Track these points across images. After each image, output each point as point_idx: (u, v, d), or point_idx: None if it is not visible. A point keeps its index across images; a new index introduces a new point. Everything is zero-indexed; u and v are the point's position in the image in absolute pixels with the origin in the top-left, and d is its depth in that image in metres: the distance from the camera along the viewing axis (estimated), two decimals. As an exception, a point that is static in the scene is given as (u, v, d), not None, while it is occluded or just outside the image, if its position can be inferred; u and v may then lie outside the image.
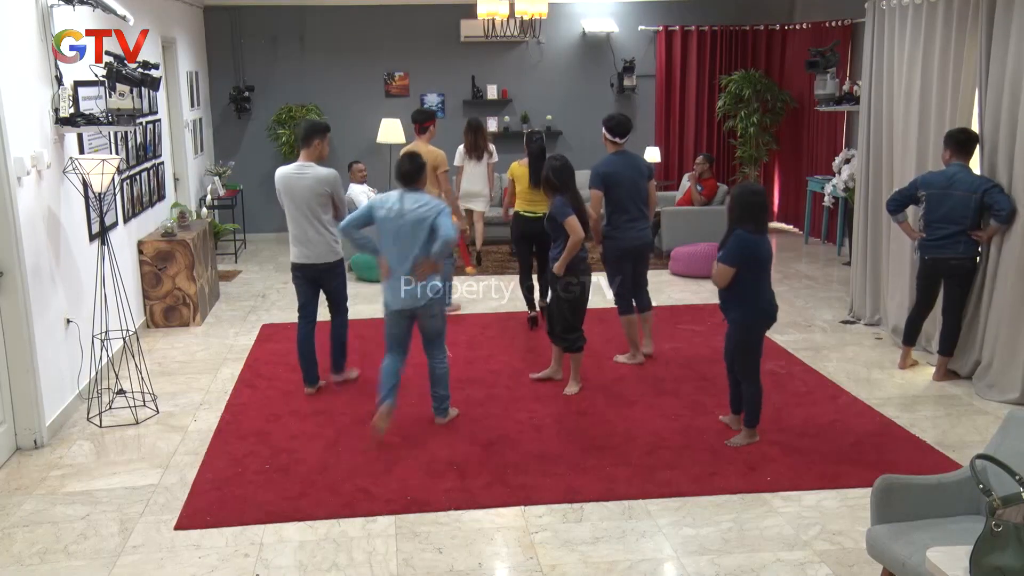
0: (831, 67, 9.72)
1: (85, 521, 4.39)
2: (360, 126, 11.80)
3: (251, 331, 7.63)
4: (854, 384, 6.21)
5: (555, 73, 12.08)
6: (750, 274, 4.99)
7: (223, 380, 6.42)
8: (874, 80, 7.36)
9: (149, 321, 7.70)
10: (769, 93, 11.51)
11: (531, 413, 5.70)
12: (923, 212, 6.25)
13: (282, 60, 11.59)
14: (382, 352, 5.42)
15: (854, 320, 7.76)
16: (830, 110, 10.12)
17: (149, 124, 8.11)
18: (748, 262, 4.96)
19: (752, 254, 4.95)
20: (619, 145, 6.48)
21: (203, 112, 11.05)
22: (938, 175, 6.16)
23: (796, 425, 5.47)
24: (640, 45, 12.11)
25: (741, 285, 5.00)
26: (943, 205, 6.08)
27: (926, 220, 6.22)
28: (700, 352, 6.94)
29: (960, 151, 6.12)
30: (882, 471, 4.03)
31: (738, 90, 11.50)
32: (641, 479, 4.77)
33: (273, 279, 9.63)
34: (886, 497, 3.44)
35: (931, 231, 6.20)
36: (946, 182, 6.08)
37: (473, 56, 11.88)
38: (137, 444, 5.32)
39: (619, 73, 11.98)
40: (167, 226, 7.80)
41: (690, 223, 9.92)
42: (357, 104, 11.78)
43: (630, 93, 12.05)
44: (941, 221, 6.12)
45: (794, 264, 10.12)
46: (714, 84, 12.04)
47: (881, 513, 3.45)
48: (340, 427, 5.50)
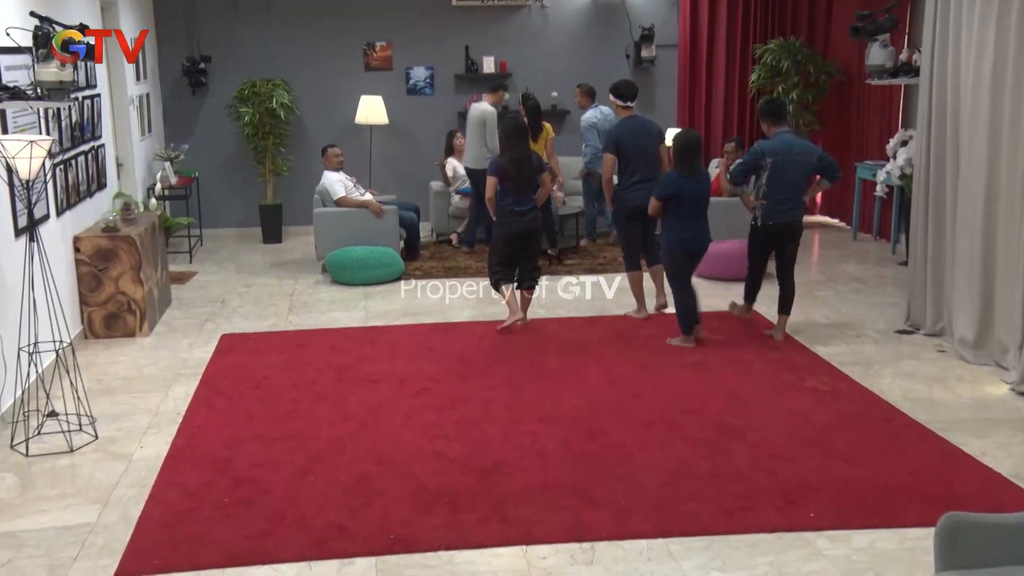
0: (883, 32, 9.69)
1: (7, 568, 4.35)
2: (336, 104, 11.80)
3: (208, 342, 7.61)
4: (912, 404, 6.17)
5: (562, 43, 12.08)
6: (673, 209, 7.12)
7: (175, 399, 6.39)
8: (938, 47, 7.32)
9: (87, 331, 7.67)
10: (811, 64, 11.51)
11: (533, 436, 5.68)
12: (765, 179, 7.23)
13: (244, 26, 11.59)
14: (358, 368, 5.38)
15: (912, 329, 7.74)
16: (884, 83, 10.11)
17: (87, 100, 8.09)
18: (671, 198, 7.08)
19: (675, 191, 7.06)
20: (629, 109, 7.97)
21: (151, 86, 11.05)
22: (777, 142, 7.25)
23: (843, 451, 5.44)
24: (660, 10, 12.11)
25: (667, 218, 7.22)
26: (786, 171, 7.19)
27: (769, 186, 7.22)
28: (728, 365, 6.92)
29: (779, 119, 7.39)
30: (947, 508, 3.99)
31: (775, 61, 11.50)
32: (661, 513, 4.75)
33: (234, 281, 9.61)
34: (952, 538, 3.39)
35: (774, 196, 7.23)
36: (786, 148, 7.22)
37: (467, 23, 11.87)
38: (71, 475, 5.28)
39: (636, 43, 11.98)
40: (109, 220, 7.77)
41: (718, 216, 9.75)
42: (332, 79, 11.79)
43: (648, 66, 12.05)
44: (785, 186, 7.21)
45: (840, 264, 10.10)
46: (747, 55, 12.04)
47: (947, 557, 3.40)
48: (312, 453, 5.47)
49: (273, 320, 8.23)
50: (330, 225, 9.64)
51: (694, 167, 7.11)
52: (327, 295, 9.04)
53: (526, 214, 7.60)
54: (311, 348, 7.38)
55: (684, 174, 7.08)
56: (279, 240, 11.55)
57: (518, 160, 7.48)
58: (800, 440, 5.57)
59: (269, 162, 11.47)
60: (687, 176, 7.08)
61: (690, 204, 7.12)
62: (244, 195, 11.86)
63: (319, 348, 7.37)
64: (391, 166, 12.00)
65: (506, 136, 7.61)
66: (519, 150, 7.51)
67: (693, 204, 7.14)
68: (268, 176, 11.53)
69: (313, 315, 8.37)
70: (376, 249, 9.41)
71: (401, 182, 11.81)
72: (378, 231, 9.63)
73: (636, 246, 7.96)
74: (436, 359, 7.10)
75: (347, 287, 9.25)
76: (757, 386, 6.48)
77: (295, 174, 11.68)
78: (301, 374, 6.76)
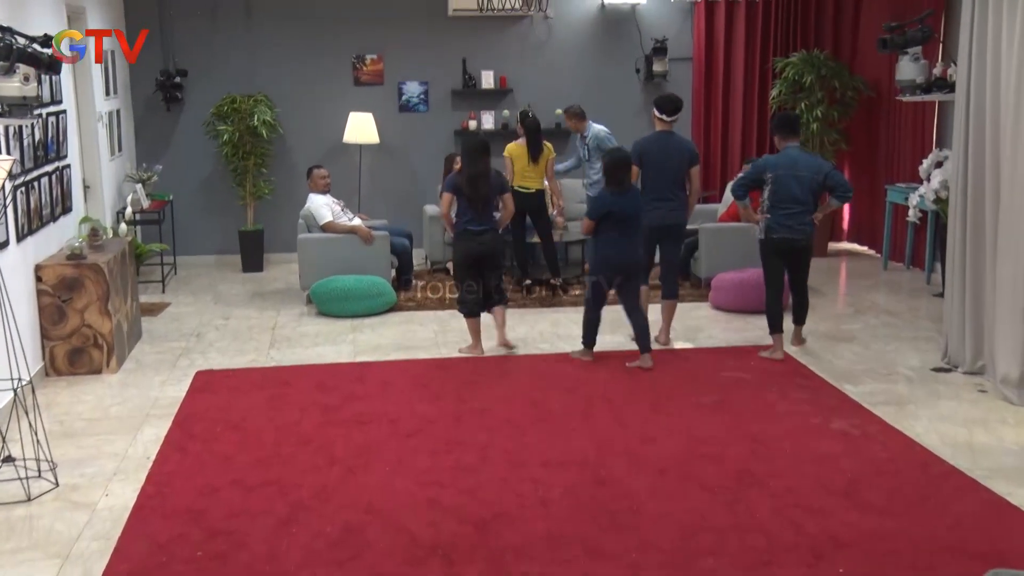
0: (914, 45, 9.71)
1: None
2: (322, 122, 11.84)
3: (182, 379, 7.58)
4: (951, 450, 6.13)
5: (566, 56, 12.13)
6: (603, 227, 7.64)
7: (144, 443, 6.35)
8: (975, 60, 7.33)
9: (49, 367, 7.64)
10: (837, 79, 11.56)
11: (536, 483, 5.65)
12: (768, 193, 7.75)
13: (223, 37, 11.64)
14: (345, 409, 5.34)
15: (949, 367, 7.71)
16: (916, 100, 10.13)
17: (51, 117, 8.10)
18: (604, 216, 7.59)
19: (606, 209, 7.59)
20: (665, 123, 8.24)
21: (122, 102, 11.08)
22: (782, 157, 7.79)
23: (876, 502, 5.40)
24: (674, 20, 12.18)
25: (597, 235, 7.77)
26: (789, 186, 7.65)
27: (772, 201, 7.73)
28: (748, 406, 6.89)
29: (791, 133, 7.86)
30: (991, 564, 3.96)
31: (797, 76, 11.55)
32: (676, 569, 4.71)
33: (211, 313, 9.60)
34: (998, 597, 3.35)
35: (777, 211, 7.71)
36: (791, 163, 7.70)
37: (464, 35, 11.94)
38: (28, 527, 5.23)
39: (647, 56, 12.05)
40: (74, 246, 7.76)
41: (736, 243, 9.89)
42: (318, 94, 11.83)
43: (660, 80, 12.10)
44: (788, 201, 7.66)
45: (870, 295, 10.08)
46: (767, 69, 12.10)
47: (992, 617, 3.36)
48: (295, 501, 5.44)
49: (253, 356, 8.20)
50: (316, 252, 9.63)
51: (624, 185, 7.65)
52: (312, 328, 9.02)
53: (482, 234, 7.98)
54: (294, 386, 7.35)
55: (615, 192, 7.64)
56: (260, 269, 11.54)
57: (474, 177, 7.88)
58: (828, 489, 5.52)
59: (250, 184, 11.48)
60: (619, 194, 7.63)
61: (620, 222, 7.61)
62: (222, 220, 11.86)
63: (303, 386, 7.34)
64: (382, 189, 12.01)
65: (466, 153, 8.00)
66: (477, 168, 7.90)
67: (623, 222, 7.61)
68: (249, 199, 11.54)
69: (297, 350, 8.35)
70: (365, 278, 9.40)
71: (393, 206, 11.82)
72: (368, 259, 9.62)
73: (647, 262, 8.32)
74: (430, 398, 7.07)
75: (334, 319, 9.23)
76: (780, 429, 6.44)
77: (278, 197, 11.69)
78: (283, 415, 6.73)
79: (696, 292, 9.85)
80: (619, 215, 7.58)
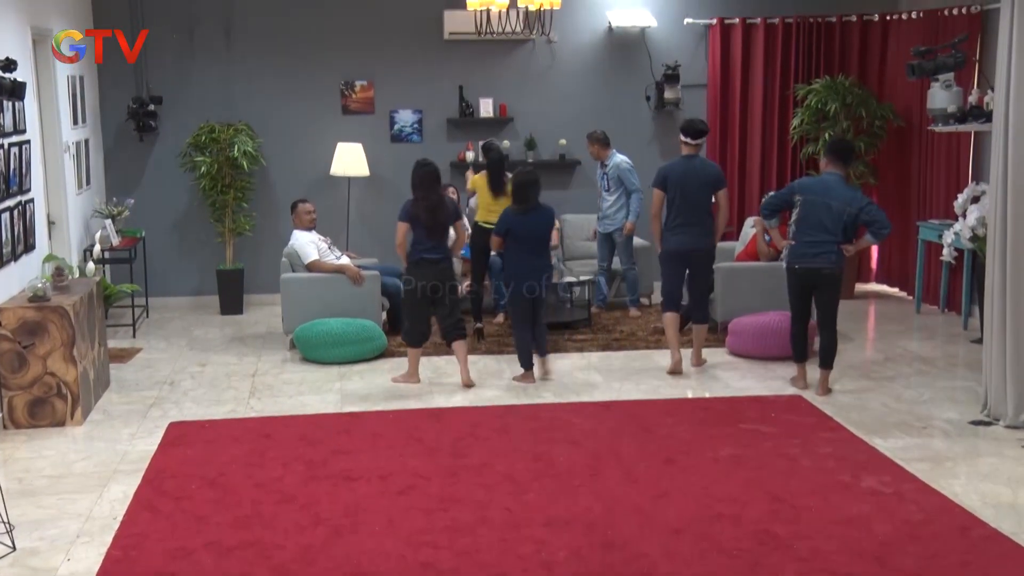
0: (945, 71, 9.77)
1: None
2: (308, 153, 11.88)
3: (153, 432, 7.57)
4: (993, 511, 6.11)
5: (571, 83, 12.20)
6: (510, 245, 8.55)
7: (111, 501, 6.34)
8: (1014, 87, 7.35)
9: (7, 419, 7.63)
10: (864, 108, 11.59)
11: (538, 544, 5.63)
12: (795, 217, 8.06)
13: (201, 62, 11.71)
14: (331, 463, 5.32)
15: (990, 420, 7.68)
16: (950, 130, 10.16)
17: (13, 147, 8.13)
18: (509, 235, 8.50)
19: (509, 227, 8.50)
20: (691, 147, 8.75)
21: (91, 131, 11.13)
22: (815, 181, 8.16)
23: (911, 568, 5.38)
24: (686, 44, 12.25)
25: (505, 253, 8.69)
26: (818, 213, 7.93)
27: (798, 226, 8.03)
28: (770, 460, 6.88)
29: (839, 161, 8.11)
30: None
31: (820, 104, 11.59)
32: (695, 642, 4.67)
33: (185, 359, 9.60)
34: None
35: (802, 238, 8.02)
36: (823, 190, 7.97)
37: (461, 60, 12.01)
38: (-14, 591, 5.21)
39: (658, 82, 12.11)
40: (37, 287, 7.78)
41: (754, 285, 9.89)
42: (304, 123, 11.88)
43: (672, 109, 12.14)
44: (814, 229, 7.95)
45: (902, 341, 10.08)
46: (787, 96, 12.14)
47: None
48: (276, 565, 5.42)
49: (232, 406, 8.19)
50: (300, 293, 9.65)
51: (529, 204, 8.52)
52: (296, 376, 9.02)
53: (439, 262, 8.50)
54: (276, 439, 7.34)
55: (519, 211, 8.52)
56: (240, 311, 11.55)
57: (432, 206, 8.45)
58: (858, 554, 5.49)
59: (229, 220, 11.51)
60: (522, 213, 8.51)
61: (522, 240, 8.52)
62: (199, 258, 11.90)
63: (286, 439, 7.33)
64: (372, 225, 12.03)
65: (420, 181, 8.52)
66: (432, 196, 8.48)
67: (528, 241, 8.54)
68: (228, 236, 11.57)
69: (279, 399, 8.35)
70: (353, 321, 9.42)
71: (383, 244, 11.77)
72: (356, 301, 9.64)
73: (674, 288, 8.86)
74: (424, 452, 7.07)
75: (319, 366, 9.22)
76: (805, 486, 6.42)
77: (259, 234, 11.73)
78: (264, 470, 6.71)
79: (712, 337, 9.82)
80: (520, 233, 8.50)
